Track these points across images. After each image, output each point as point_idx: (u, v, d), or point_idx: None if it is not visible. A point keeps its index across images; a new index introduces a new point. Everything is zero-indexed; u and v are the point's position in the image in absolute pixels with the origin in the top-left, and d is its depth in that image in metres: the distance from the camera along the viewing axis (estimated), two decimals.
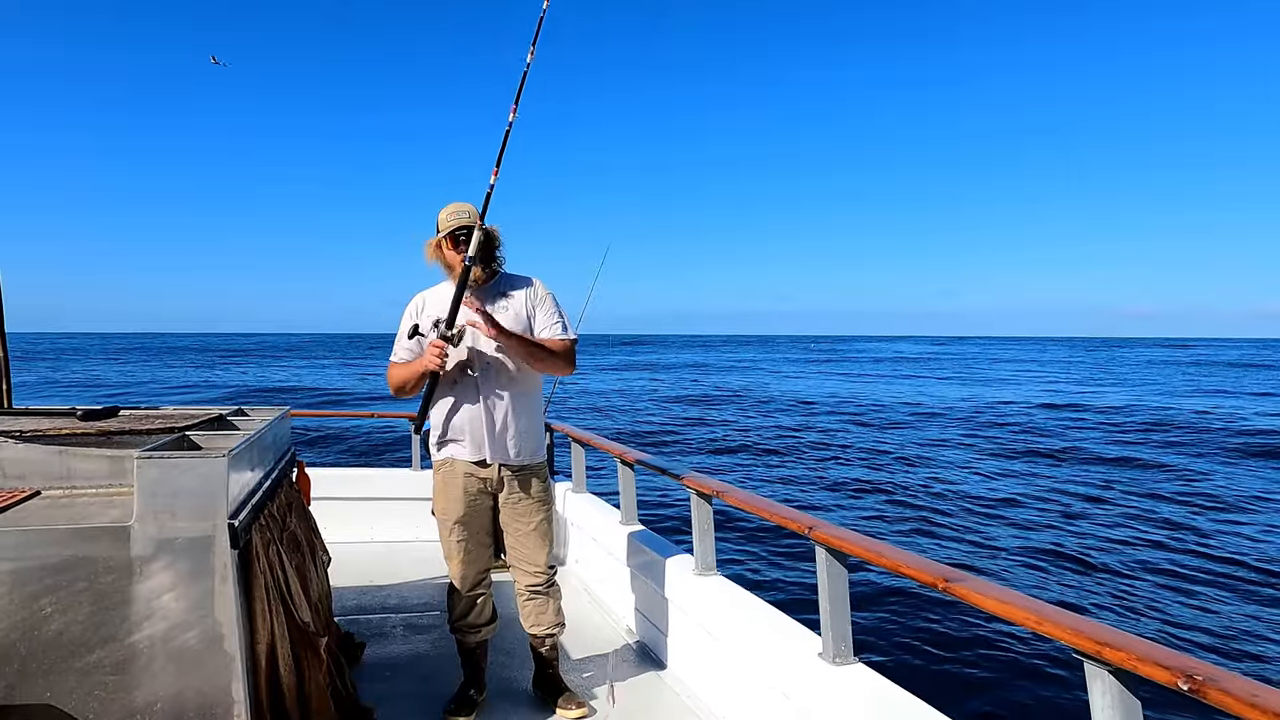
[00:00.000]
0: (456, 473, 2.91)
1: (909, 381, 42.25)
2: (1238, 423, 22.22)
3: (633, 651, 3.68)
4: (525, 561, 3.01)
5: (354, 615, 4.09)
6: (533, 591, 3.03)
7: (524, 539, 2.99)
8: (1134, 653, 1.52)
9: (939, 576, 2.03)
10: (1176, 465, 15.62)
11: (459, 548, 2.94)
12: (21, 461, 2.15)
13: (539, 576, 3.02)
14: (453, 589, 3.03)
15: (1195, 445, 18.59)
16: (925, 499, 12.01)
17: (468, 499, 2.92)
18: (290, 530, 2.65)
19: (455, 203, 2.90)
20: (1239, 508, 11.72)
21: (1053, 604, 1.82)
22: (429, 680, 3.30)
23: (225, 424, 2.83)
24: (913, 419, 23.85)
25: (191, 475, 1.82)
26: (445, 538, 2.97)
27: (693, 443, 18.73)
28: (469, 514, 2.93)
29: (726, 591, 3.15)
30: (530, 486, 2.98)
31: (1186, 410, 25.87)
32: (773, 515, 2.81)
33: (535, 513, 2.98)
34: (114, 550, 1.76)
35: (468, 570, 2.97)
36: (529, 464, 2.98)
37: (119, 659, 1.75)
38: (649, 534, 3.98)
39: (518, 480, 2.95)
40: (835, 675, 2.40)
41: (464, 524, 2.93)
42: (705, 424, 22.44)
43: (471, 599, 3.00)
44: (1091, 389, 36.65)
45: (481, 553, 3.00)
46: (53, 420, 2.71)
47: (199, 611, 1.80)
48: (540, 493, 3.01)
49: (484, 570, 3.02)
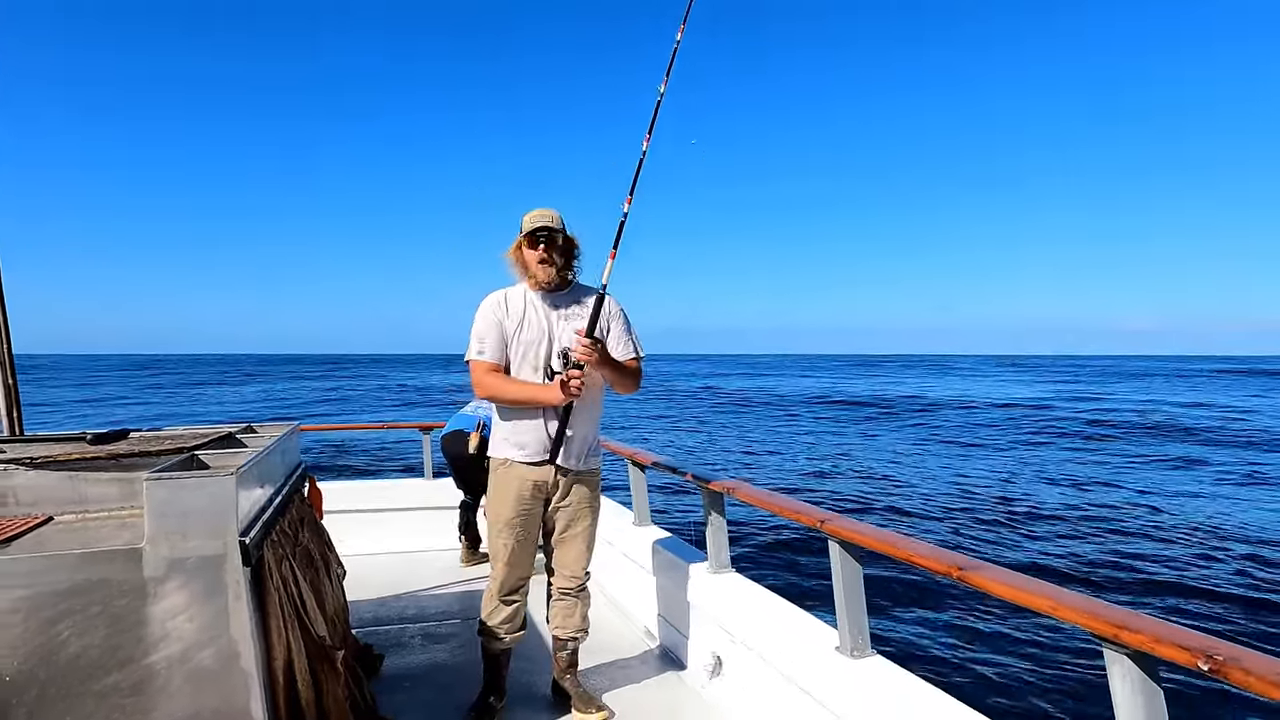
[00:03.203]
0: (513, 475, 2.90)
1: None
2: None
3: (649, 651, 3.68)
4: (564, 566, 3.02)
5: (372, 627, 4.10)
6: (563, 594, 3.04)
7: (569, 543, 3.00)
8: (1152, 634, 1.51)
9: (952, 565, 2.02)
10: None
11: (506, 550, 2.93)
12: (33, 488, 2.16)
13: (573, 580, 3.03)
14: (491, 592, 3.00)
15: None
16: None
17: (521, 502, 2.90)
18: (303, 545, 2.66)
19: (539, 208, 2.91)
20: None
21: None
22: (448, 689, 3.30)
23: (234, 442, 2.84)
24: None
25: (201, 494, 1.82)
26: (494, 539, 2.96)
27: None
28: (520, 517, 2.92)
29: (742, 589, 3.14)
30: (585, 492, 2.99)
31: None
32: (785, 510, 2.80)
33: (585, 518, 3.00)
34: (127, 573, 1.77)
35: (511, 574, 2.95)
36: (586, 469, 2.99)
37: (136, 680, 1.76)
38: (663, 534, 3.98)
39: (574, 485, 2.96)
40: (854, 668, 2.39)
41: (514, 527, 2.92)
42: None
43: (508, 603, 2.99)
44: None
45: (527, 558, 2.99)
46: (63, 445, 2.73)
47: (214, 630, 1.81)
48: (593, 499, 3.02)
49: (526, 576, 3.00)
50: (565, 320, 2.91)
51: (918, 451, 18.56)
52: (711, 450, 19.51)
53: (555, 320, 2.90)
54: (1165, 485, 13.82)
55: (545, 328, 2.87)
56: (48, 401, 37.81)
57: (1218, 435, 22.05)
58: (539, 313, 2.89)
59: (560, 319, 2.90)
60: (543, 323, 2.88)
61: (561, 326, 2.89)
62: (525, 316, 2.89)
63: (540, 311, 2.90)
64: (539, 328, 2.87)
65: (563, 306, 2.93)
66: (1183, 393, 42.42)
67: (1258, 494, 13.09)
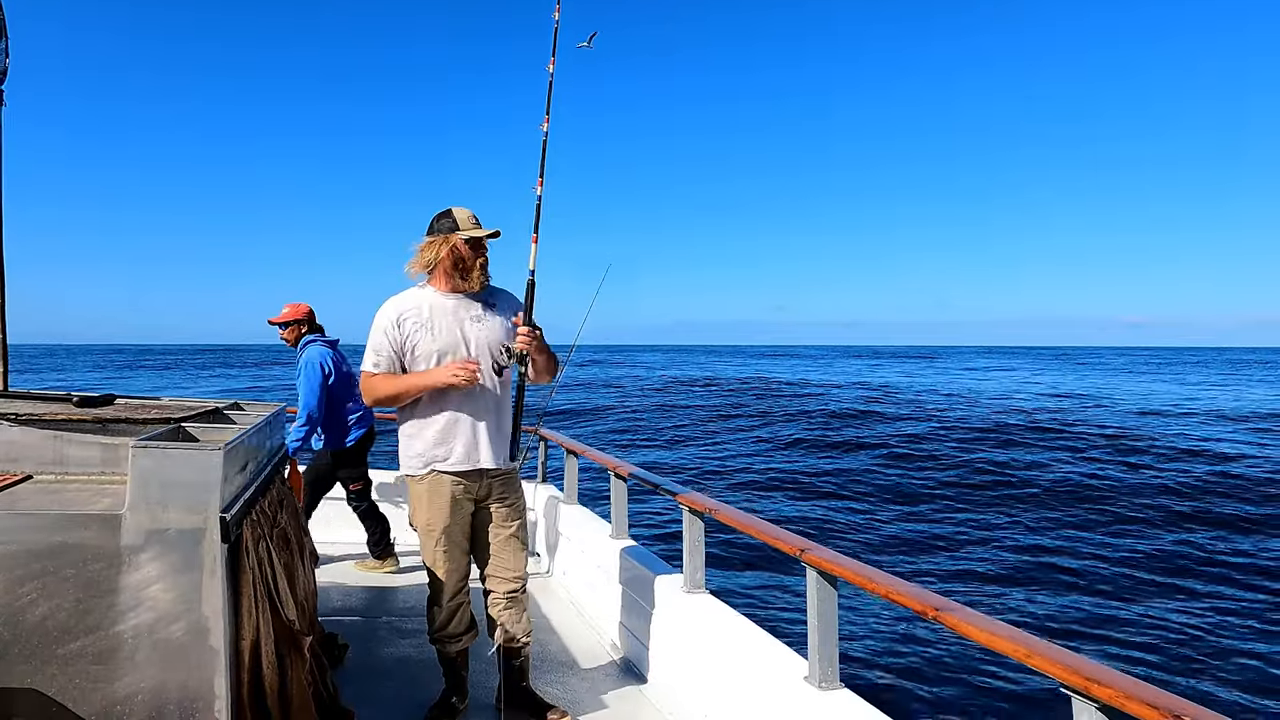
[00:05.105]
0: (443, 482, 2.88)
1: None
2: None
3: (616, 666, 3.66)
4: (503, 568, 2.98)
5: (339, 616, 4.07)
6: (509, 598, 2.99)
7: (504, 544, 2.98)
8: (1121, 690, 1.52)
9: (929, 605, 2.03)
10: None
11: (445, 557, 2.91)
12: (14, 445, 2.14)
13: (516, 583, 3.00)
14: (433, 599, 3.00)
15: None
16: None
17: (453, 508, 2.89)
18: (281, 527, 2.64)
19: (464, 208, 2.87)
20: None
21: (1042, 637, 1.82)
22: (412, 685, 3.28)
23: (221, 417, 2.82)
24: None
25: (186, 466, 1.81)
26: (430, 548, 2.93)
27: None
28: (454, 523, 2.91)
29: (714, 611, 3.13)
30: (511, 492, 2.99)
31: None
32: (765, 536, 2.80)
33: (515, 518, 2.99)
34: (103, 538, 1.75)
35: (451, 579, 2.94)
36: (509, 469, 2.99)
37: (103, 648, 1.74)
38: (639, 549, 3.97)
39: (501, 486, 2.96)
40: (820, 700, 2.38)
41: (449, 533, 2.91)
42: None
43: (453, 608, 2.98)
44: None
45: (463, 561, 2.98)
46: (48, 405, 2.71)
47: (186, 604, 1.79)
48: (519, 499, 3.03)
49: (464, 579, 3.00)
50: (476, 322, 2.86)
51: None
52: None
53: (467, 323, 2.86)
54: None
55: (458, 332, 2.83)
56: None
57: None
58: (449, 318, 2.85)
59: (471, 320, 2.86)
60: (455, 328, 2.83)
61: (474, 329, 2.86)
62: (434, 324, 2.83)
63: (451, 316, 2.85)
64: (451, 333, 2.83)
65: (471, 308, 2.89)
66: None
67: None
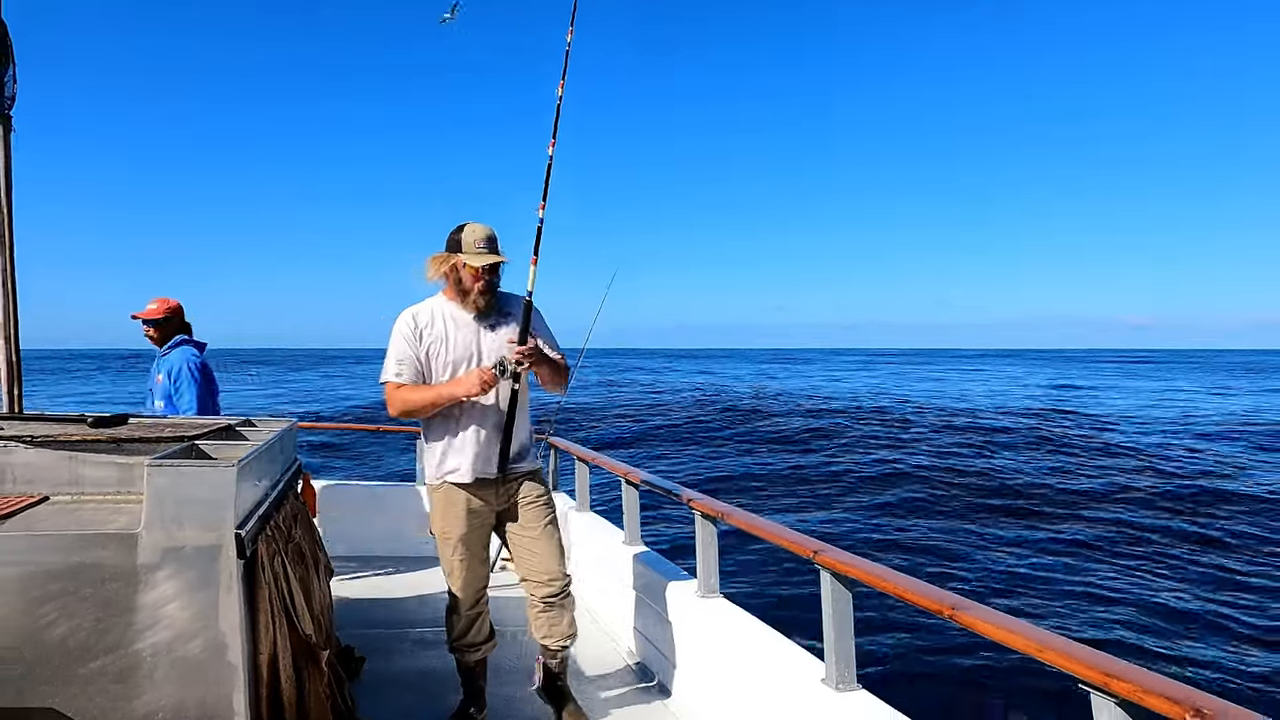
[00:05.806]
0: (457, 492, 2.89)
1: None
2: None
3: (632, 673, 3.65)
4: (540, 571, 2.94)
5: (357, 629, 4.08)
6: (547, 603, 2.94)
7: (537, 545, 2.94)
8: (1141, 684, 1.51)
9: (944, 604, 2.02)
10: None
11: (462, 566, 2.92)
12: (31, 466, 2.16)
13: (554, 585, 2.93)
14: (451, 608, 3.01)
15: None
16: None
17: (470, 516, 2.90)
18: (295, 542, 2.65)
19: (477, 224, 2.84)
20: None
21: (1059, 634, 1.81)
22: (430, 697, 3.28)
23: (234, 434, 2.84)
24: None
25: (201, 484, 1.83)
26: (447, 556, 2.94)
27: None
28: (471, 531, 2.91)
29: (729, 615, 3.12)
30: (536, 491, 2.99)
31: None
32: (777, 538, 2.80)
33: (544, 516, 2.97)
34: (121, 557, 1.77)
35: (469, 588, 2.95)
36: (530, 470, 3.00)
37: (122, 667, 1.76)
38: (653, 555, 3.97)
39: (523, 487, 2.96)
40: (838, 701, 2.38)
41: (466, 542, 2.91)
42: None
43: (471, 617, 2.99)
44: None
45: (481, 570, 2.98)
46: (63, 426, 2.73)
47: (203, 621, 1.80)
48: (545, 496, 3.01)
49: (483, 588, 3.00)
50: (490, 331, 2.88)
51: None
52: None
53: (481, 334, 2.88)
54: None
55: (473, 344, 2.86)
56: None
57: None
58: (463, 330, 2.87)
59: (485, 331, 2.88)
60: (469, 340, 2.86)
61: (488, 339, 2.88)
62: (449, 335, 2.86)
63: (465, 328, 2.87)
64: (465, 345, 2.85)
65: (485, 318, 2.90)
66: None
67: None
